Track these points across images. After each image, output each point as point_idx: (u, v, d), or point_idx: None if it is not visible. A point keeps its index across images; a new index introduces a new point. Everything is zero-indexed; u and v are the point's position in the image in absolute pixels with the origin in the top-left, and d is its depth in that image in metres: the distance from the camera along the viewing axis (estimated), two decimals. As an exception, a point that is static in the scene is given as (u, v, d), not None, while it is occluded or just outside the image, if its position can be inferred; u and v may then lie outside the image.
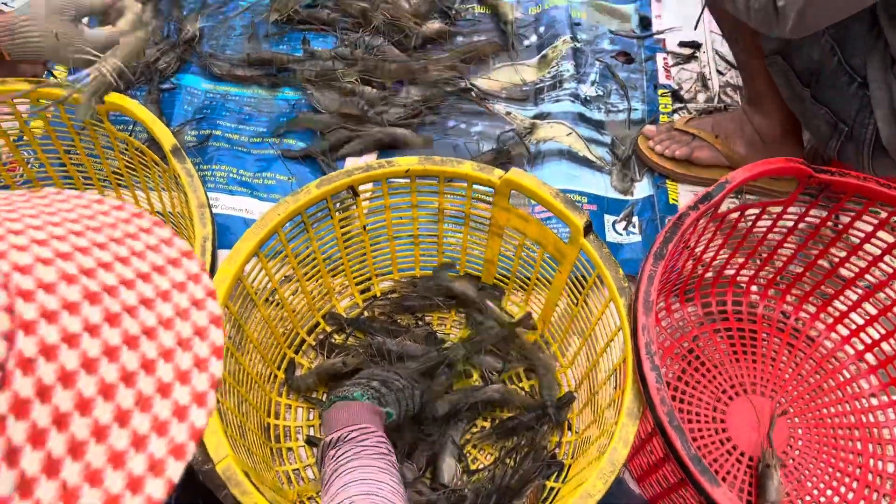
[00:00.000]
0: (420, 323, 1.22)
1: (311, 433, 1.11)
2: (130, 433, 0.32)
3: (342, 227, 1.13)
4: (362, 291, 1.24)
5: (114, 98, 1.06)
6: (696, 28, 1.55)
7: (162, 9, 1.54)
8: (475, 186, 1.08)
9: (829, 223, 1.13)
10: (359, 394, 0.92)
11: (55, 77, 1.44)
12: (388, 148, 1.40)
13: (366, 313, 1.23)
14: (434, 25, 1.54)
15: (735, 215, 1.09)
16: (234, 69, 1.48)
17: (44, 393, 0.29)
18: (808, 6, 0.91)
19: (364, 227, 1.15)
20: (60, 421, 0.30)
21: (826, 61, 1.07)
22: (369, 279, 1.24)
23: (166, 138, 1.03)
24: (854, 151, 1.12)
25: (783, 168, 1.00)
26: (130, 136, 1.16)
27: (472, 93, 1.49)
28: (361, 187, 1.06)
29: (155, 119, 1.04)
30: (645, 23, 1.57)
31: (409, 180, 1.09)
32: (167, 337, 0.35)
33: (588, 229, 1.00)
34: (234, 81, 1.48)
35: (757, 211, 1.09)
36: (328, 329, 1.20)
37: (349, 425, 0.86)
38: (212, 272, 0.97)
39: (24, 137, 1.18)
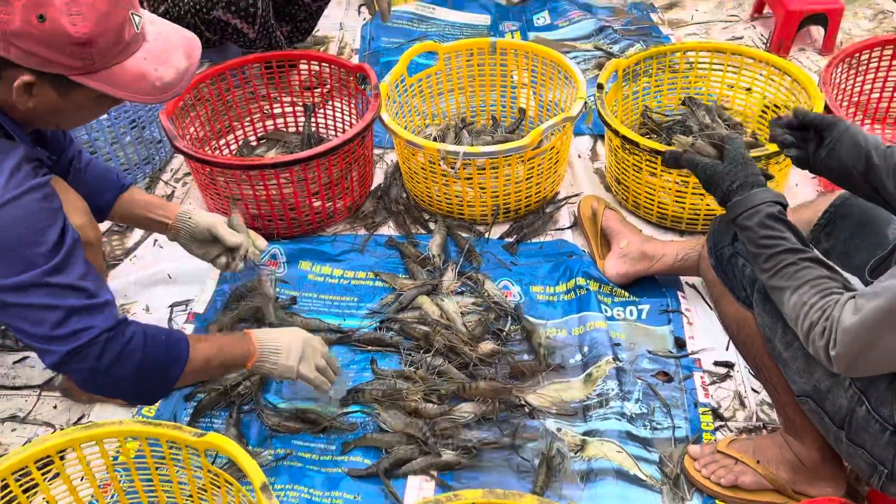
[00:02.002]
0: None
1: None
2: None
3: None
4: None
5: (212, 438, 1.20)
6: (727, 349, 1.70)
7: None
8: None
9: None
10: None
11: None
12: (445, 469, 1.49)
13: None
14: (487, 346, 1.71)
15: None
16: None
17: None
18: (859, 361, 1.03)
19: (430, 558, 1.21)
20: None
21: (856, 408, 1.15)
22: None
23: (257, 476, 1.15)
24: None
25: (827, 510, 1.07)
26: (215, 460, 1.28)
27: (525, 409, 1.61)
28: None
29: (249, 459, 1.16)
30: (679, 343, 1.73)
31: (474, 513, 1.16)
32: None
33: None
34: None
35: (810, 546, 1.13)
36: None
37: None
38: None
39: (121, 457, 1.31)
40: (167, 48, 1.20)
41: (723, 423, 1.57)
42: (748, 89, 2.21)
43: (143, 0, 2.31)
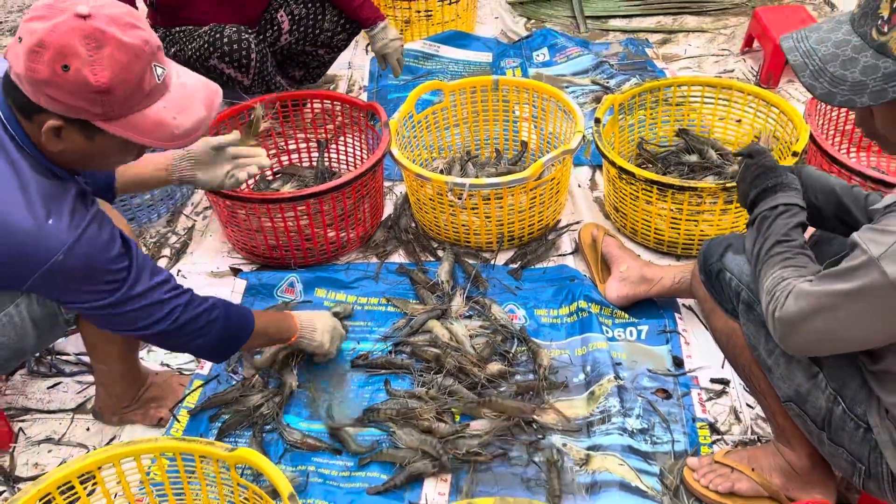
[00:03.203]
0: None
1: None
2: None
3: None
4: None
5: (243, 452, 1.29)
6: (723, 367, 1.79)
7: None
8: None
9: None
10: None
11: (178, 421, 1.71)
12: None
13: None
14: (495, 367, 1.80)
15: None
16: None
17: None
18: (794, 331, 1.14)
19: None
20: None
21: (833, 409, 1.26)
22: None
23: (285, 487, 1.24)
24: (876, 487, 1.26)
25: (814, 511, 1.15)
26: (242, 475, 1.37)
27: (533, 426, 1.70)
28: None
29: (277, 470, 1.26)
30: (677, 362, 1.82)
31: (486, 520, 1.25)
32: None
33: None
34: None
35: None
36: None
37: None
38: None
39: (152, 473, 1.40)
40: (187, 98, 1.30)
41: (719, 437, 1.65)
42: (738, 121, 2.33)
43: (161, 40, 2.44)
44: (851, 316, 1.09)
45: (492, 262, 2.14)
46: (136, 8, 2.09)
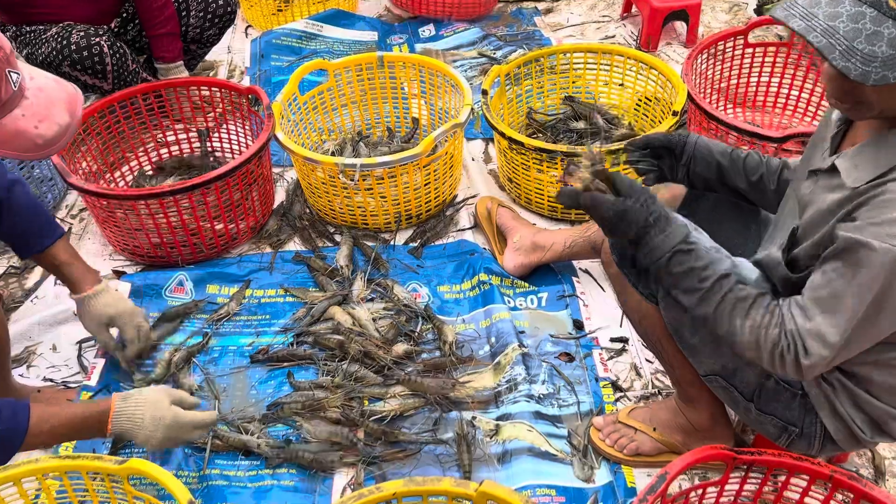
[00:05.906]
0: None
1: None
2: None
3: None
4: None
5: (134, 463, 1.22)
6: (621, 325, 1.83)
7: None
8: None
9: (769, 486, 1.28)
10: None
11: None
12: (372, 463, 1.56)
13: None
14: (400, 348, 1.78)
15: (679, 494, 1.25)
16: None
17: None
18: (824, 366, 1.07)
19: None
20: None
21: (764, 382, 1.28)
22: None
23: (182, 494, 1.18)
24: (805, 446, 1.29)
25: (711, 455, 1.19)
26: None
27: (445, 401, 1.69)
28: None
29: (172, 478, 1.19)
30: (578, 325, 1.85)
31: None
32: None
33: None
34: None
35: (700, 491, 1.26)
36: None
37: None
38: None
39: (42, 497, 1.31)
40: (48, 104, 1.20)
41: (622, 394, 1.69)
42: (621, 84, 2.37)
43: (13, 40, 2.26)
44: (873, 308, 1.03)
45: (391, 242, 2.11)
46: None
